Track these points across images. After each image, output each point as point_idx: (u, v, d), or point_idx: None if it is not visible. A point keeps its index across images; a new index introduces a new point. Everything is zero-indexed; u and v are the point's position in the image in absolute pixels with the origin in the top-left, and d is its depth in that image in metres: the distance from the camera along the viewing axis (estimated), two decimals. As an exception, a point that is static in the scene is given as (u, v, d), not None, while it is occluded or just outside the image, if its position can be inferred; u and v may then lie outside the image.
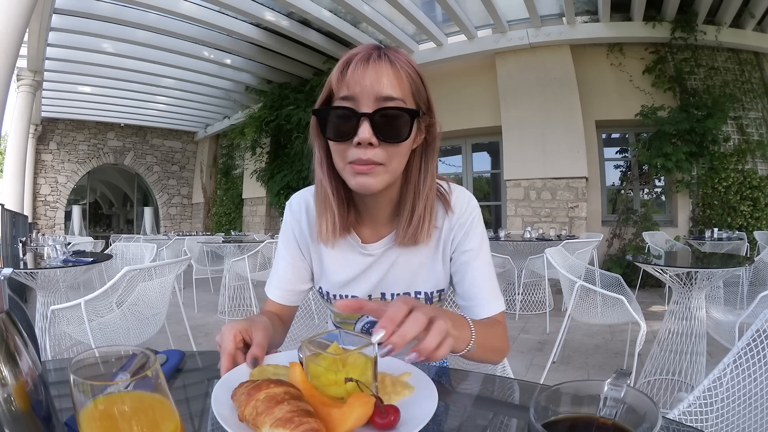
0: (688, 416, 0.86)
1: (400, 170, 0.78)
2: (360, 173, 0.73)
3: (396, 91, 0.71)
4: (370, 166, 0.72)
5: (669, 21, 5.92)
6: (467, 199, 0.88)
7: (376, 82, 0.70)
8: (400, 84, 0.72)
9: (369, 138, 0.70)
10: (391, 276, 0.88)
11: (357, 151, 0.71)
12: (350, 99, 0.71)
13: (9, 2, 3.63)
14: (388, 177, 0.75)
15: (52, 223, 11.61)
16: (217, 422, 0.47)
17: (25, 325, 0.43)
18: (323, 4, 6.10)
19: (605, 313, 2.55)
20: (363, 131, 0.69)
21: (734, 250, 4.54)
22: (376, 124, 0.70)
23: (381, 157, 0.72)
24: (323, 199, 0.83)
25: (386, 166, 0.73)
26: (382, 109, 0.70)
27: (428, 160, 0.82)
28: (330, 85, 0.75)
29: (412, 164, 0.81)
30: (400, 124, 0.71)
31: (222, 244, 5.32)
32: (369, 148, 0.71)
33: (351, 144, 0.71)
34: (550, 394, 0.35)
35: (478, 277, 0.86)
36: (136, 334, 2.35)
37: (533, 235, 5.06)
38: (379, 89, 0.70)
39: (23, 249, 2.97)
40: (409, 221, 0.82)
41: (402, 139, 0.72)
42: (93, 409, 0.35)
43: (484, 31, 6.65)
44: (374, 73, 0.71)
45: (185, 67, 8.10)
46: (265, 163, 9.04)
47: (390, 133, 0.71)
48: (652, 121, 5.86)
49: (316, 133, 0.80)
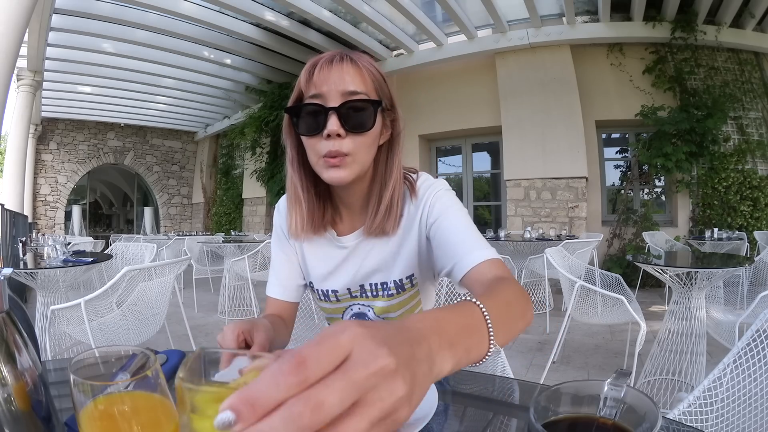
0: (688, 416, 0.86)
1: (369, 161, 0.82)
2: (332, 166, 0.77)
3: (359, 86, 0.77)
4: (340, 158, 0.76)
5: (669, 21, 5.92)
6: (430, 181, 0.90)
7: (341, 79, 0.76)
8: (363, 80, 0.78)
9: (337, 129, 0.75)
10: (367, 266, 0.91)
11: (327, 143, 0.76)
12: (318, 96, 0.77)
13: (9, 2, 3.63)
14: (357, 167, 0.79)
15: (52, 223, 11.60)
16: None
17: (25, 325, 0.43)
18: (323, 4, 6.10)
19: (605, 313, 2.55)
20: (331, 123, 0.74)
21: (734, 250, 4.54)
22: (342, 116, 0.75)
23: (349, 148, 0.76)
24: (293, 195, 0.88)
25: (354, 156, 0.78)
26: (348, 102, 0.76)
27: (393, 154, 0.86)
28: (299, 87, 0.81)
29: (379, 159, 0.86)
30: (364, 114, 0.77)
31: (222, 244, 5.32)
32: (337, 139, 0.76)
33: (321, 137, 0.76)
34: (550, 394, 0.35)
35: (452, 233, 0.82)
36: (136, 334, 2.35)
37: (533, 235, 5.06)
38: (344, 86, 0.76)
39: (23, 249, 2.97)
40: (376, 212, 0.85)
41: (367, 129, 0.77)
42: (93, 409, 0.35)
43: (484, 31, 6.65)
44: (339, 71, 0.77)
45: (185, 67, 8.10)
46: (265, 163, 9.05)
47: (356, 124, 0.76)
48: (652, 121, 5.85)
49: (289, 131, 0.85)
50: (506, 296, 0.60)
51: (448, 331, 0.41)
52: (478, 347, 0.46)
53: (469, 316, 0.47)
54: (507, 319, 0.53)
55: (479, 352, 0.46)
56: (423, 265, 0.90)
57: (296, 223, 0.88)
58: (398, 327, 0.35)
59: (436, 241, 0.85)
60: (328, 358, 0.27)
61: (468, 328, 0.46)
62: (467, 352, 0.42)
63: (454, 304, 0.50)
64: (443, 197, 0.87)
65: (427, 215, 0.87)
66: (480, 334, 0.47)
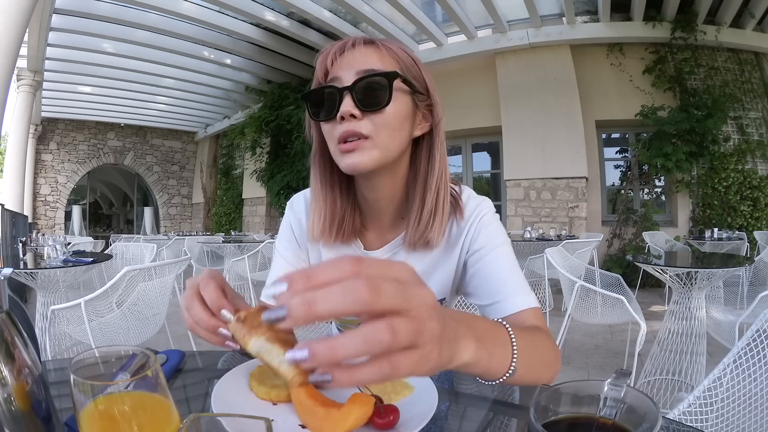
0: (688, 416, 0.86)
1: (394, 148, 0.72)
2: (347, 151, 0.69)
3: (377, 64, 0.70)
4: (355, 142, 0.69)
5: (669, 21, 5.92)
6: (477, 199, 0.82)
7: (357, 60, 0.70)
8: (383, 59, 0.71)
9: (350, 109, 0.67)
10: None
11: (341, 126, 0.69)
12: (334, 80, 0.71)
13: (9, 2, 3.63)
14: (378, 154, 0.70)
15: (52, 223, 11.61)
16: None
17: (25, 325, 0.43)
18: (323, 4, 6.10)
19: (605, 313, 2.55)
20: (344, 104, 0.68)
21: (734, 250, 4.54)
22: (356, 95, 0.68)
23: (366, 129, 0.68)
24: (312, 192, 0.81)
25: (373, 139, 0.69)
26: (361, 79, 0.68)
27: (434, 148, 0.76)
28: (317, 75, 0.75)
29: (419, 154, 0.76)
30: (379, 89, 0.68)
31: (222, 244, 5.33)
32: (353, 120, 0.68)
33: (336, 122, 0.70)
34: (550, 394, 0.35)
35: (497, 270, 0.76)
36: (136, 334, 2.35)
37: (533, 235, 5.07)
38: (359, 66, 0.69)
39: (23, 249, 2.97)
40: (419, 218, 0.75)
41: (384, 104, 0.68)
42: (93, 409, 0.35)
43: (484, 31, 6.65)
44: (355, 53, 0.71)
45: (185, 67, 8.11)
46: (265, 163, 9.04)
47: (370, 101, 0.68)
48: (652, 121, 5.85)
49: (309, 121, 0.78)
50: (537, 342, 0.60)
51: (476, 328, 0.44)
52: (501, 359, 0.49)
53: (499, 330, 0.51)
54: (531, 357, 0.54)
55: (500, 363, 0.49)
56: (452, 290, 0.83)
57: (315, 224, 0.79)
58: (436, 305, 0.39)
59: (476, 272, 0.78)
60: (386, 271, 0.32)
61: (496, 339, 0.49)
62: (490, 355, 0.45)
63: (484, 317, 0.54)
64: (490, 224, 0.80)
65: (471, 240, 0.79)
66: (505, 348, 0.50)
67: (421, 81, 0.74)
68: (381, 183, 0.75)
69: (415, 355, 0.32)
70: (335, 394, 0.54)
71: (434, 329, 0.33)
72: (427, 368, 0.33)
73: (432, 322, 0.33)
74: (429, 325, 0.33)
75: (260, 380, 0.57)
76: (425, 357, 0.33)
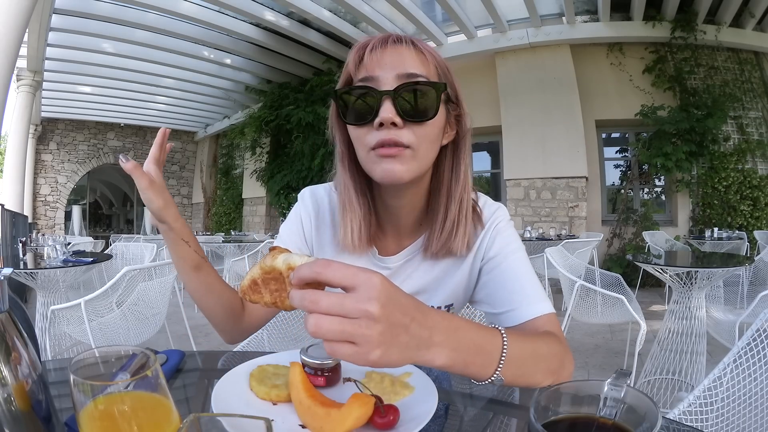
0: (688, 416, 0.86)
1: (430, 161, 0.69)
2: (385, 156, 0.64)
3: (420, 69, 0.65)
4: (397, 149, 0.63)
5: (669, 20, 5.92)
6: (494, 206, 0.82)
7: (398, 61, 0.65)
8: (424, 63, 0.66)
9: (392, 117, 0.62)
10: (407, 287, 0.77)
11: (379, 133, 0.63)
12: (370, 80, 0.65)
13: (9, 2, 3.63)
14: (417, 166, 0.66)
15: (52, 223, 11.61)
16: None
17: (25, 325, 0.43)
18: (323, 4, 6.10)
19: (605, 313, 2.55)
20: (385, 110, 0.62)
21: (734, 249, 4.54)
22: (399, 102, 0.63)
23: (407, 138, 0.63)
24: (346, 200, 0.74)
25: (414, 150, 0.64)
26: (406, 85, 0.63)
27: (459, 158, 0.74)
28: (347, 71, 0.69)
29: (443, 163, 0.73)
30: (426, 100, 0.64)
31: (222, 243, 5.32)
32: (393, 129, 0.63)
33: (372, 127, 0.64)
34: (550, 394, 0.35)
35: (512, 278, 0.75)
36: (136, 334, 2.35)
37: (533, 234, 5.07)
38: (401, 68, 0.64)
39: (23, 249, 2.97)
40: (442, 228, 0.73)
41: (429, 117, 0.64)
42: (93, 409, 0.35)
43: (484, 30, 6.65)
44: (394, 52, 0.65)
45: (185, 67, 8.10)
46: (265, 162, 9.04)
47: (416, 112, 0.63)
48: (652, 121, 5.86)
49: (336, 121, 0.73)
50: (540, 350, 0.60)
51: (459, 338, 0.47)
52: (481, 368, 0.51)
53: (489, 340, 0.52)
54: (525, 363, 0.56)
55: (479, 372, 0.51)
56: (463, 295, 0.82)
57: (354, 233, 0.74)
58: (417, 305, 0.44)
59: (491, 279, 0.77)
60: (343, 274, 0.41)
61: (479, 349, 0.50)
62: (465, 365, 0.49)
63: (484, 325, 0.56)
64: (505, 231, 0.79)
65: (486, 247, 0.78)
66: (489, 359, 0.51)
67: (454, 89, 0.72)
68: (407, 191, 0.72)
69: (350, 349, 0.40)
70: (335, 394, 0.54)
71: (371, 336, 0.39)
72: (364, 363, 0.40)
73: (370, 330, 0.39)
74: (367, 332, 0.39)
75: (260, 380, 0.57)
76: (361, 354, 0.40)
